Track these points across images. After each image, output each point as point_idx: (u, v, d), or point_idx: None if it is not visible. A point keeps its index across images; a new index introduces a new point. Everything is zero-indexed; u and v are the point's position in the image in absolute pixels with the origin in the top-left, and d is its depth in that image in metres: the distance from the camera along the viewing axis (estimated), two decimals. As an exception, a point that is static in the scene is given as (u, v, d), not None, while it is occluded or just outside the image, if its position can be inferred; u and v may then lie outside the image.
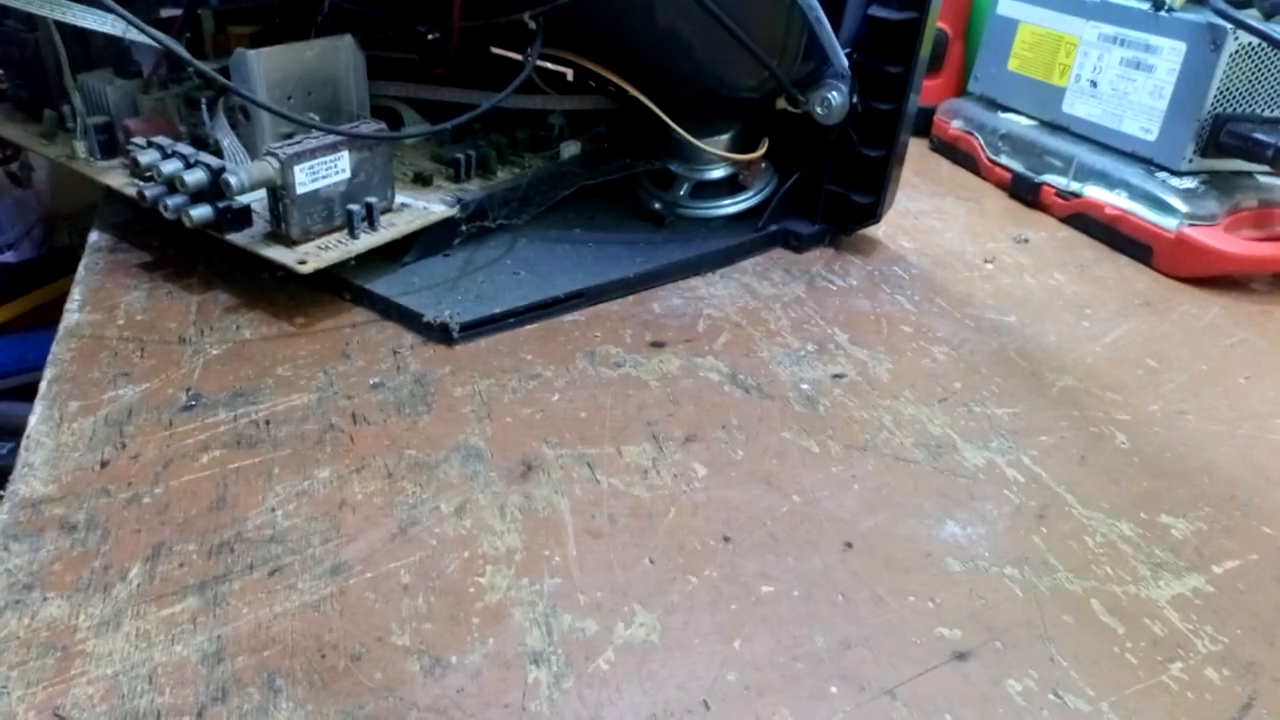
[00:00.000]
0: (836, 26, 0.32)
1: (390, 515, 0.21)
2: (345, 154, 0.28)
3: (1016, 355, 0.30)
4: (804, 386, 0.27)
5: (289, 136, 0.32)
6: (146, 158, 0.28)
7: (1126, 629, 0.20)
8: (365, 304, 0.29)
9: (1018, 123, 0.45)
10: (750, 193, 0.36)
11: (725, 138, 0.35)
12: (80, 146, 0.32)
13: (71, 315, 0.27)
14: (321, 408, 0.24)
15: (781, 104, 0.34)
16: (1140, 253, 0.38)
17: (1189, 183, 0.37)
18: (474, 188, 0.33)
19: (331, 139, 0.28)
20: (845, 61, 0.32)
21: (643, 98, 0.33)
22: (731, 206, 0.36)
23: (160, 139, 0.29)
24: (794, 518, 0.22)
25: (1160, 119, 0.38)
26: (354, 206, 0.28)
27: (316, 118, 0.33)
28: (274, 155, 0.26)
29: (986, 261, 0.37)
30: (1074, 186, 0.41)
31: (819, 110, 0.33)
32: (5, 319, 0.45)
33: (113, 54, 0.33)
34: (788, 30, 0.31)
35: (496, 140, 0.35)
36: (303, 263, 0.27)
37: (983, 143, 0.46)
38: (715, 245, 0.34)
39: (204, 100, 0.32)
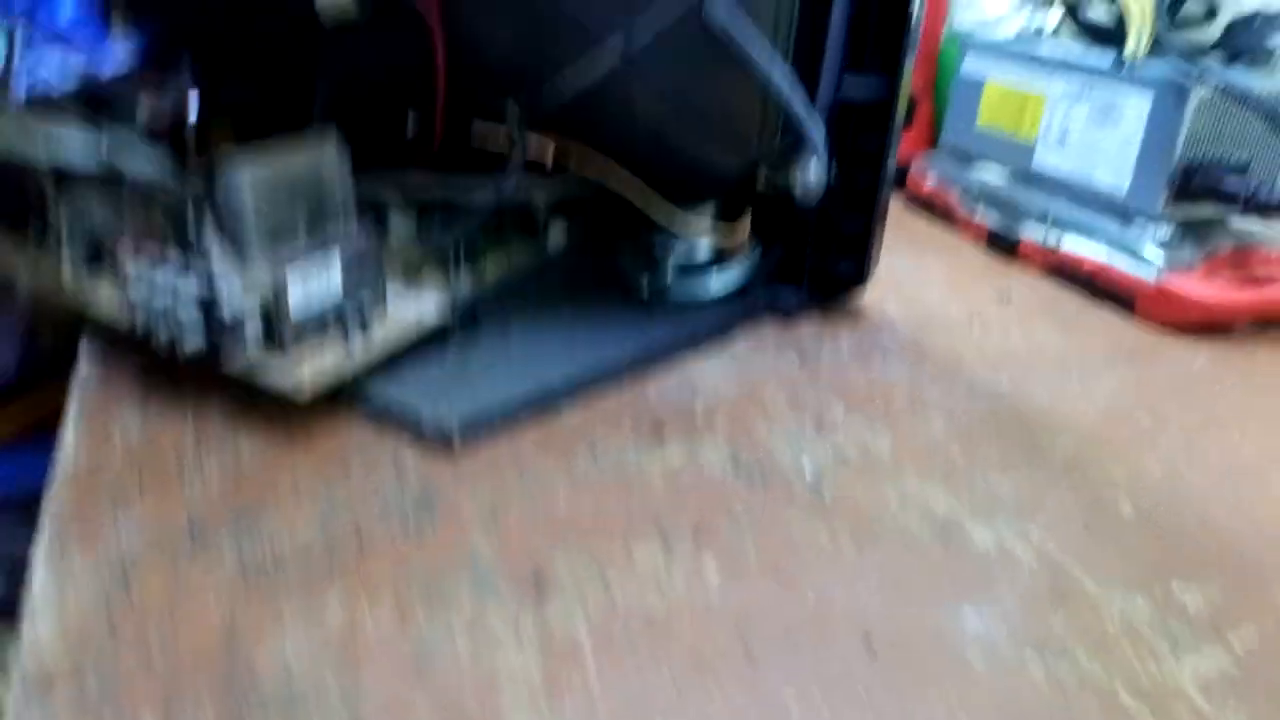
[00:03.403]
0: (810, 101, 0.32)
1: (404, 647, 0.21)
2: (337, 263, 0.28)
3: (1011, 419, 0.31)
4: (807, 470, 0.28)
5: (276, 235, 0.32)
6: (136, 294, 0.28)
7: (1154, 714, 0.20)
8: (360, 404, 0.29)
9: (991, 177, 0.46)
10: (734, 271, 0.37)
11: (706, 218, 0.36)
12: (66, 267, 0.32)
13: (67, 448, 0.27)
14: (326, 531, 0.24)
15: (760, 185, 0.34)
16: (1122, 304, 0.38)
17: (1164, 232, 0.38)
18: (465, 285, 0.33)
19: (321, 247, 0.28)
20: (816, 127, 0.33)
21: (624, 181, 0.33)
22: (718, 285, 0.37)
23: (146, 261, 0.29)
24: (811, 618, 0.22)
25: (1131, 170, 0.39)
26: (350, 321, 0.28)
27: (303, 224, 0.33)
28: (266, 276, 0.26)
29: (972, 320, 0.38)
30: (1052, 240, 0.42)
31: (798, 191, 0.34)
32: None
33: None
34: (764, 111, 0.31)
35: (485, 233, 0.35)
36: (300, 391, 0.27)
37: (958, 197, 0.47)
38: (705, 323, 0.35)
39: (190, 211, 0.32)
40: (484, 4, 0.27)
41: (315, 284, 0.28)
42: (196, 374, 0.31)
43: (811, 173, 0.33)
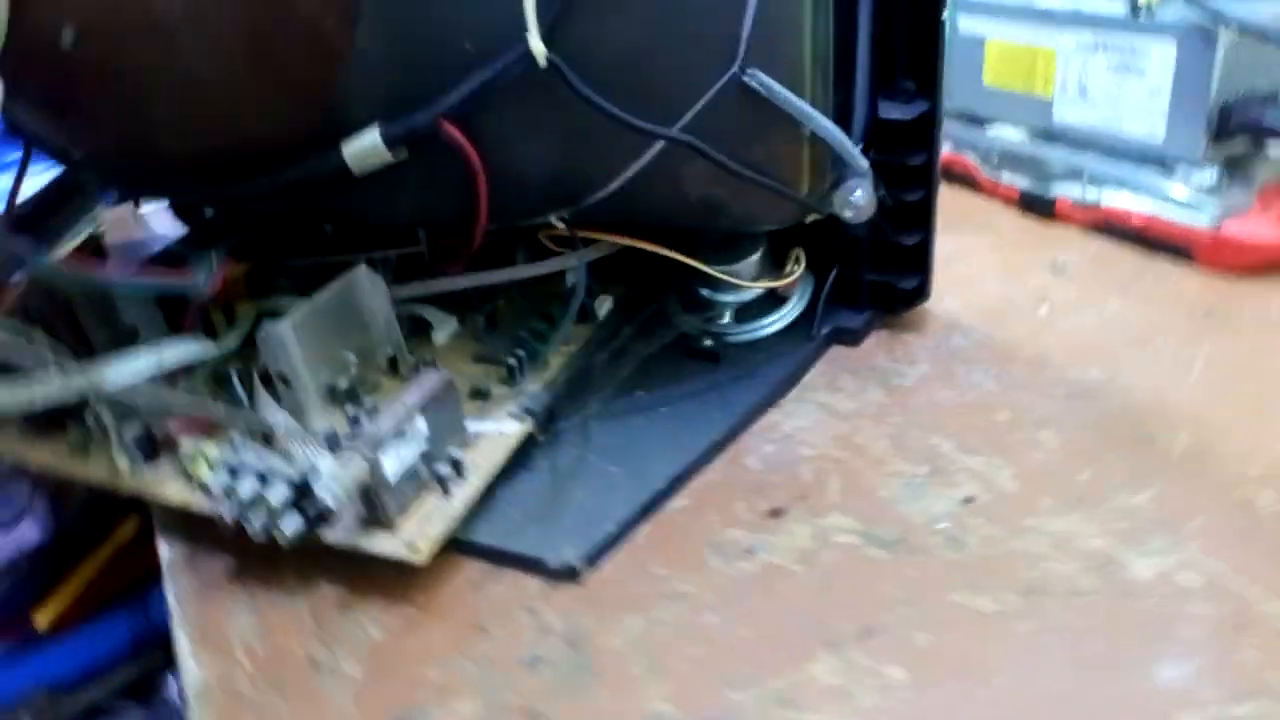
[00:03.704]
0: (846, 127, 0.31)
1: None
2: (418, 416, 0.27)
3: (1121, 421, 0.30)
4: (941, 525, 0.27)
5: (332, 391, 0.31)
6: (217, 482, 0.26)
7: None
8: (470, 553, 0.28)
9: (1010, 137, 0.44)
10: (793, 301, 0.36)
11: (755, 258, 0.34)
12: (121, 460, 0.30)
13: (191, 672, 0.26)
14: (493, 713, 0.23)
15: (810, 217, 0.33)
16: (1178, 254, 0.38)
17: (1208, 176, 0.37)
18: (536, 388, 0.32)
19: (402, 406, 0.26)
20: (864, 161, 0.31)
21: (668, 253, 0.32)
22: (779, 321, 0.35)
23: (210, 445, 0.28)
24: (1006, 709, 0.22)
25: (1165, 118, 0.38)
26: (440, 466, 0.27)
27: (354, 358, 0.32)
28: (358, 452, 0.25)
29: (1038, 302, 0.37)
30: (1091, 196, 0.41)
31: (847, 214, 0.33)
32: (53, 616, 0.43)
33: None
34: (812, 154, 0.30)
35: (536, 327, 0.34)
36: (416, 552, 0.26)
37: (978, 162, 0.46)
38: (780, 370, 0.33)
39: (235, 375, 0.31)
40: (518, 128, 0.25)
41: (405, 443, 0.26)
42: (295, 554, 0.29)
43: (861, 197, 0.32)
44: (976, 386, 0.32)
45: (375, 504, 0.26)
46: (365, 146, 0.24)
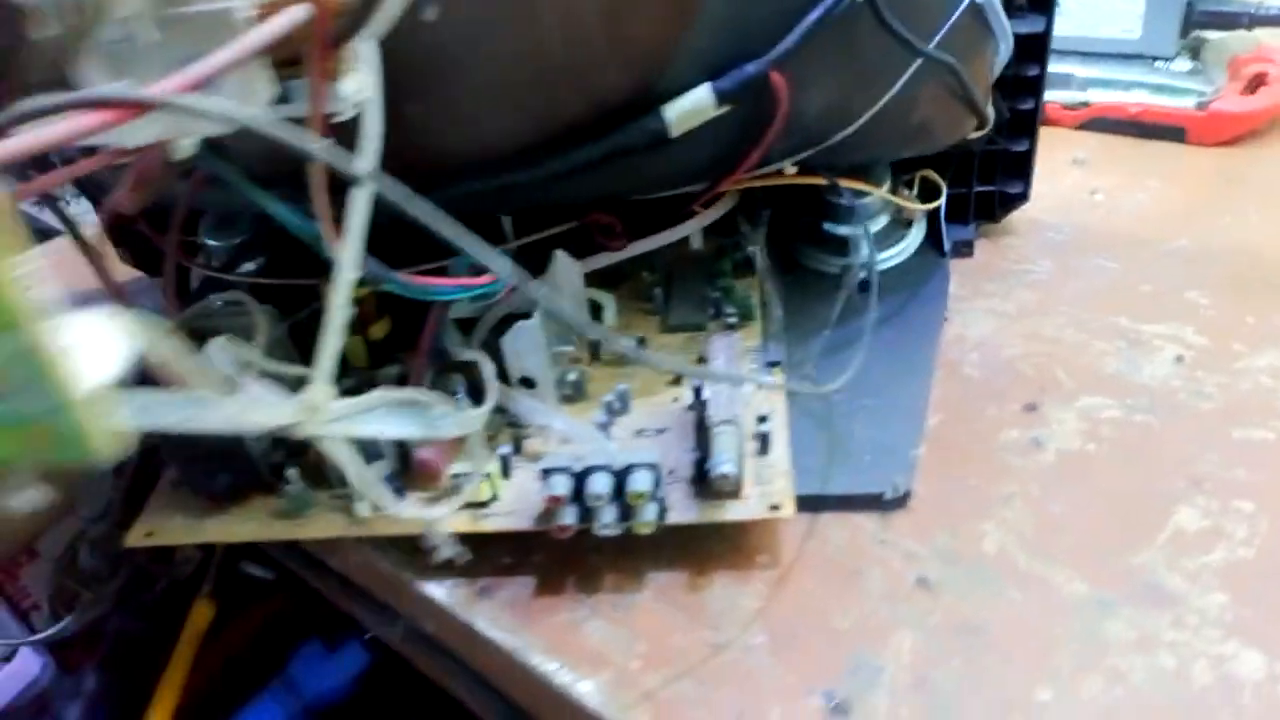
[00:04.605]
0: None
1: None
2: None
3: (1247, 273, 0.35)
4: (1175, 384, 0.30)
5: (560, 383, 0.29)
6: (558, 488, 0.24)
7: None
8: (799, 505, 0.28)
9: (988, 56, 0.49)
10: (917, 223, 0.38)
11: (886, 185, 0.36)
12: (362, 506, 0.27)
13: (585, 691, 0.23)
14: (929, 636, 0.24)
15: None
16: (1171, 135, 0.44)
17: (1186, 64, 0.43)
18: (753, 344, 0.31)
19: (724, 374, 0.26)
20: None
21: (850, 183, 0.33)
22: (909, 245, 0.37)
23: (463, 463, 0.26)
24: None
25: (1140, 19, 0.44)
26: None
27: (571, 349, 0.30)
28: (733, 423, 0.24)
29: (1093, 194, 0.41)
30: (1079, 98, 0.46)
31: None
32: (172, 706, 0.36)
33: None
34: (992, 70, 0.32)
35: (724, 285, 0.33)
36: (780, 509, 0.25)
37: (958, 83, 0.50)
38: (931, 289, 0.35)
39: (460, 386, 0.28)
40: (809, 70, 0.25)
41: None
42: (576, 565, 0.27)
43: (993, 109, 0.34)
44: (1102, 270, 0.36)
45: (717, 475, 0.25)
46: (691, 106, 0.23)
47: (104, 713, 0.37)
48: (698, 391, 0.26)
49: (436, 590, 0.27)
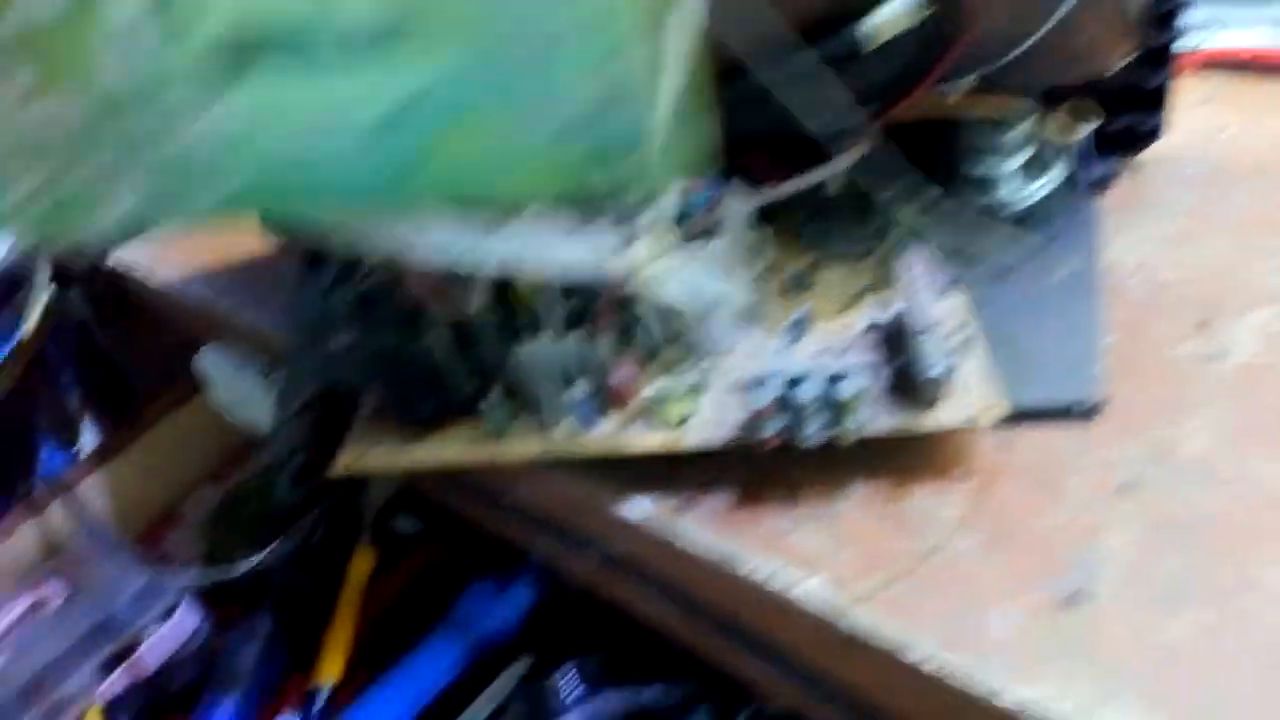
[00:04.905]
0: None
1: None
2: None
3: None
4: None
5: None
6: (765, 399, 0.25)
7: None
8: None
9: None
10: (1061, 158, 0.38)
11: (1030, 120, 0.36)
12: (561, 429, 0.28)
13: (813, 592, 0.24)
14: (1151, 531, 0.24)
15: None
16: (1290, 73, 0.44)
17: (1307, 0, 0.43)
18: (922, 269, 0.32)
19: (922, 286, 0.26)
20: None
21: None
22: (1054, 178, 0.37)
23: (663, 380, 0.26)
24: None
25: (1263, -44, 0.43)
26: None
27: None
28: (934, 329, 0.25)
29: (1224, 128, 0.41)
30: (1200, 38, 0.46)
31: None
32: (338, 670, 0.36)
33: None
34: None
35: (882, 217, 0.34)
36: (982, 418, 0.26)
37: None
38: (1081, 219, 0.36)
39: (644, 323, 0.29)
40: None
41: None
42: (795, 466, 0.28)
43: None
44: (1247, 197, 0.36)
45: (921, 383, 0.26)
46: (892, 14, 0.24)
47: (281, 653, 0.38)
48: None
49: (636, 509, 0.28)
